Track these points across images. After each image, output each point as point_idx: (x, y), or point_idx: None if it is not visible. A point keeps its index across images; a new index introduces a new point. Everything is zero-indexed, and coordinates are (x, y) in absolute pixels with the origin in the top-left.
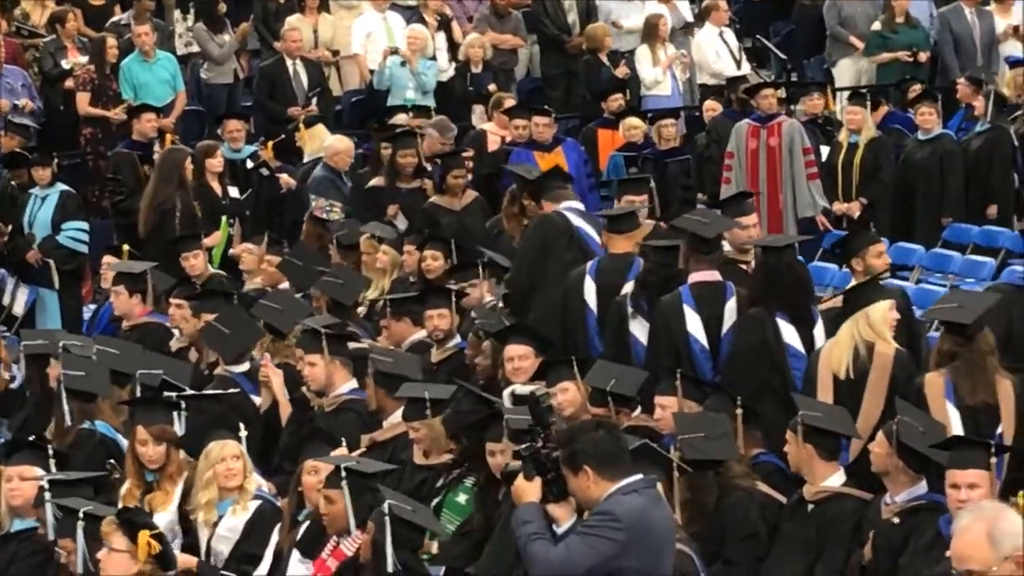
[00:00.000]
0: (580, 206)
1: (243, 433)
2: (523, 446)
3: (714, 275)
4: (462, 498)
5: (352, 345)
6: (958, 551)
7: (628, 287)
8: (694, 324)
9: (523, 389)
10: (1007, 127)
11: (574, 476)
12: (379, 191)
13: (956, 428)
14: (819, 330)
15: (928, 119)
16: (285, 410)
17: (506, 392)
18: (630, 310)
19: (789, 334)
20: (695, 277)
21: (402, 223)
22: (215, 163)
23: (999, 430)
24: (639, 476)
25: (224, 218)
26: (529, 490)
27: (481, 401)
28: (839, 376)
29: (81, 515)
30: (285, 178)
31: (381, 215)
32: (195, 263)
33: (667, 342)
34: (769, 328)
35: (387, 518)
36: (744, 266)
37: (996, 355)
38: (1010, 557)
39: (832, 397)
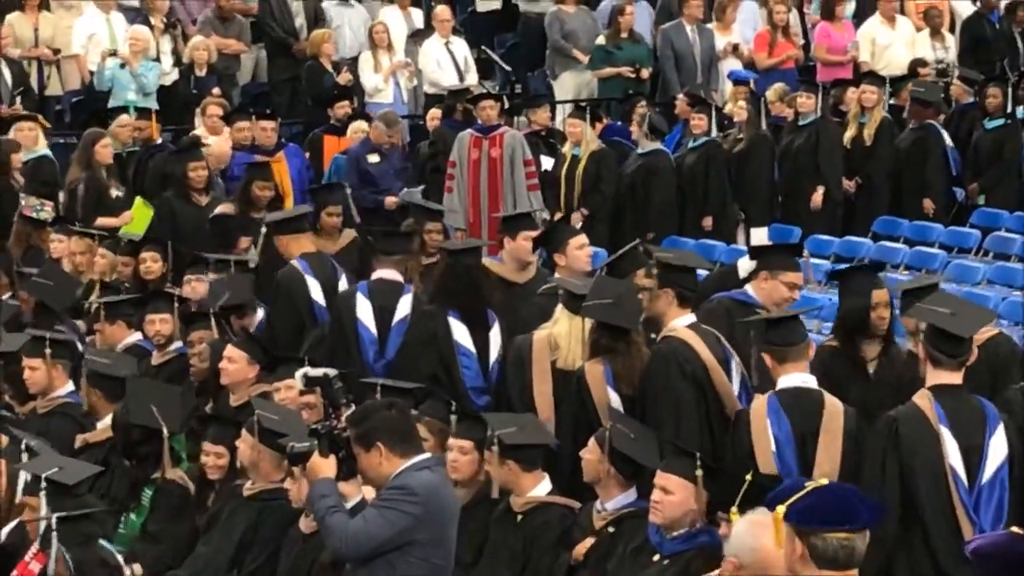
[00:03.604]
0: None
1: None
2: (318, 424)
3: (395, 275)
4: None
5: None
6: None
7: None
8: (364, 312)
9: (315, 371)
10: (720, 142)
11: (366, 453)
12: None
13: None
14: (495, 333)
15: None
16: None
17: (298, 373)
18: None
19: (460, 332)
20: (376, 274)
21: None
22: (105, 153)
23: None
24: (429, 455)
25: (138, 198)
26: (325, 466)
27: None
28: (563, 368)
29: None
30: None
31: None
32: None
33: (340, 329)
34: (440, 324)
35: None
36: None
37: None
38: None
39: (551, 385)
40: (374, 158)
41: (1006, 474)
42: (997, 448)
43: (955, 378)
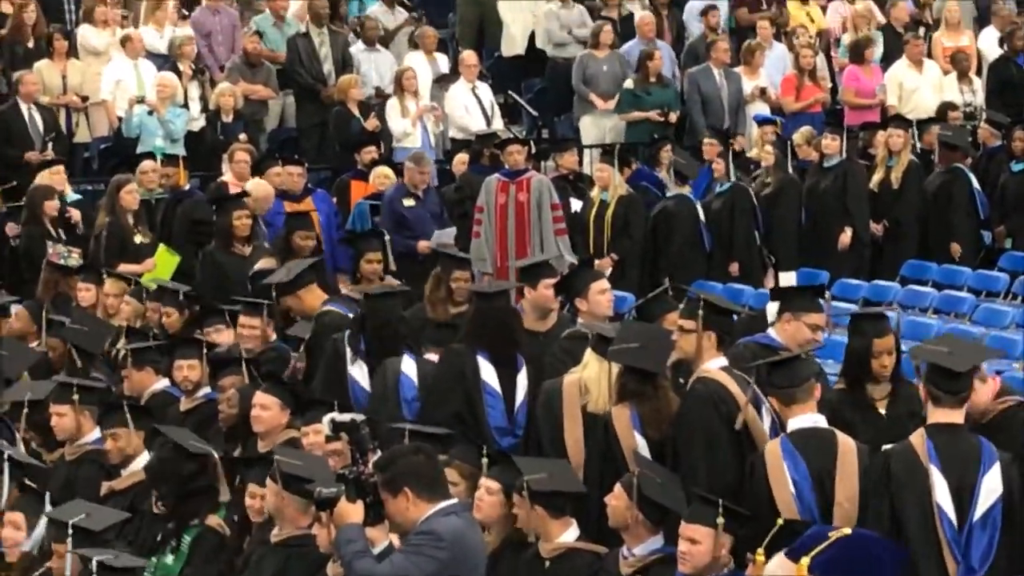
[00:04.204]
0: None
1: None
2: (346, 470)
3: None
4: (169, 559)
5: None
6: None
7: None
8: (408, 367)
9: (343, 417)
10: (746, 185)
11: (393, 498)
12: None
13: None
14: (522, 376)
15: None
16: None
17: (325, 419)
18: (349, 353)
19: (487, 372)
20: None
21: None
22: (130, 199)
23: None
24: (455, 500)
25: (162, 245)
26: (352, 512)
27: (184, 453)
28: (593, 412)
29: None
30: (11, 226)
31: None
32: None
33: (382, 384)
34: (468, 362)
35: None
36: None
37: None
38: None
39: (582, 430)
40: (409, 202)
41: (999, 513)
42: (990, 487)
43: (955, 416)
